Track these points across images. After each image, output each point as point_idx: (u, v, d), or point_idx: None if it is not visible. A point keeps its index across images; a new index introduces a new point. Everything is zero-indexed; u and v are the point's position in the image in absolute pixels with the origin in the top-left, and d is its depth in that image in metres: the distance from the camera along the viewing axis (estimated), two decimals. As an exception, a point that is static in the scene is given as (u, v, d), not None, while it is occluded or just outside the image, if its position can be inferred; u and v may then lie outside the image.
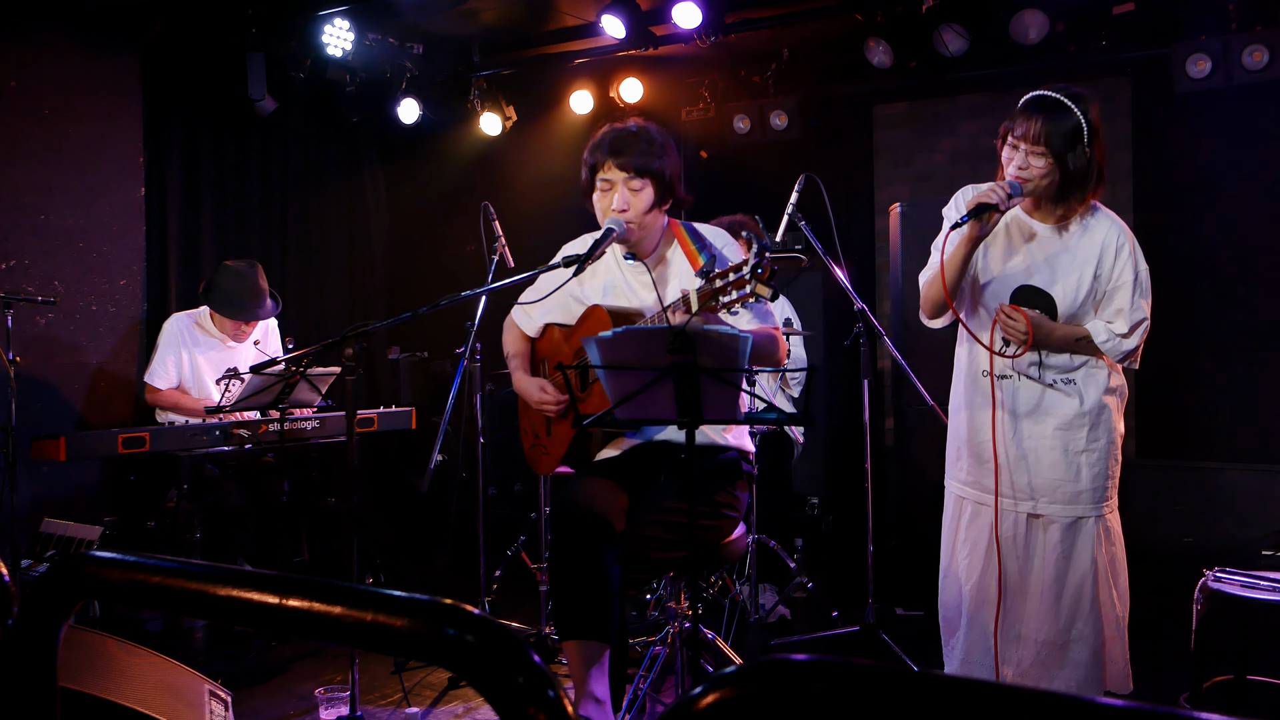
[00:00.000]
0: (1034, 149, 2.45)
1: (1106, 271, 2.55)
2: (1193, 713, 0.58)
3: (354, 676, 2.75)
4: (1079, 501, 2.57)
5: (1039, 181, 2.48)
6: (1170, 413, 5.40)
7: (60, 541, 4.06)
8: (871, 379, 3.90)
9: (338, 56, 5.29)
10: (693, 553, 2.21)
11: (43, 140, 4.73)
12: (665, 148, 2.60)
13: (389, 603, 0.81)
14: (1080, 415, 2.57)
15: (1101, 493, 2.59)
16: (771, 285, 2.05)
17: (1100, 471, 2.59)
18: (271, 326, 4.56)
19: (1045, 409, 2.59)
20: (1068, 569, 2.58)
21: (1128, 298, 2.54)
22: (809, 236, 3.79)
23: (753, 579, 4.09)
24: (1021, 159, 2.47)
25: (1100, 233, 2.56)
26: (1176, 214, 5.41)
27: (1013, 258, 2.62)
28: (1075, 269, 2.56)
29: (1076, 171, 2.46)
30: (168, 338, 4.30)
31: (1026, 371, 2.61)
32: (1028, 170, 2.47)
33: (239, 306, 4.24)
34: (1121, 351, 2.55)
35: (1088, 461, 2.57)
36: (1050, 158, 2.45)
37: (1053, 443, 2.58)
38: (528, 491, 6.06)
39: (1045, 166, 2.46)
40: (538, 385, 2.76)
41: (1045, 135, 2.43)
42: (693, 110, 6.16)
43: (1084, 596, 2.57)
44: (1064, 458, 2.57)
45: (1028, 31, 4.94)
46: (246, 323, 4.30)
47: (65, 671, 1.21)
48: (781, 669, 0.66)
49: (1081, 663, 2.57)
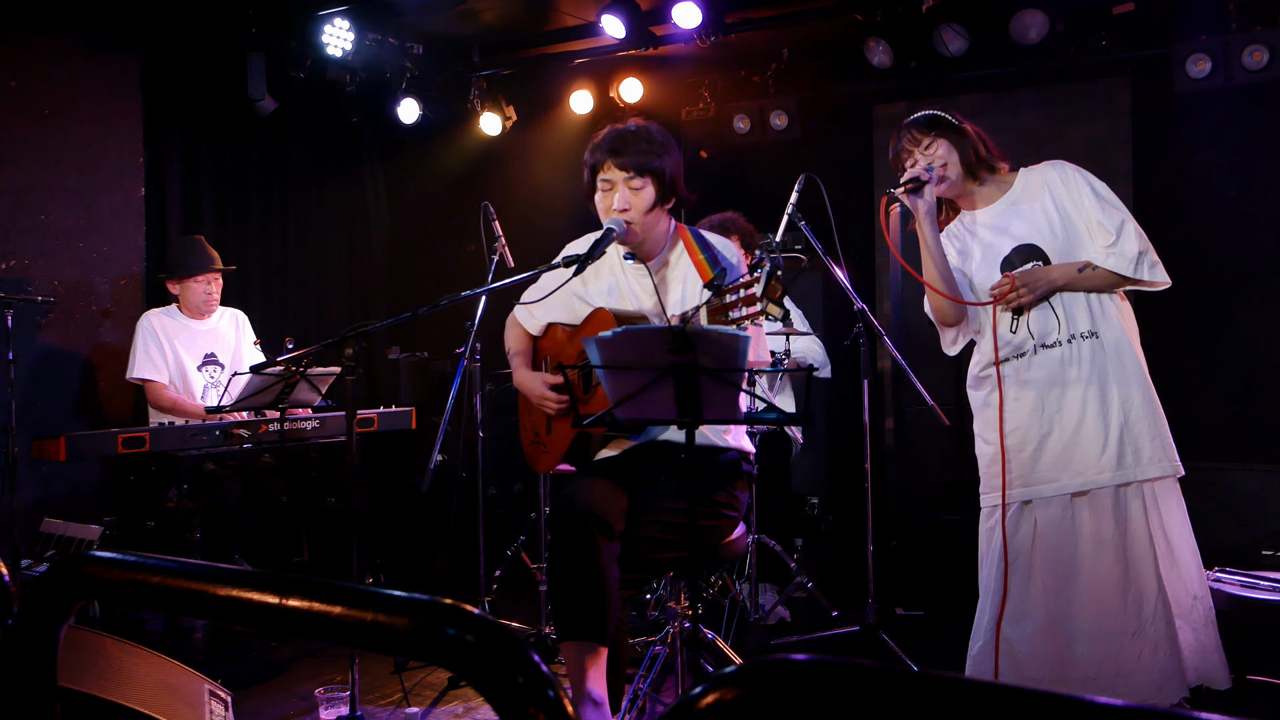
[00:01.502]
0: (923, 142, 2.69)
1: (1067, 204, 2.62)
2: (1193, 713, 0.58)
3: (354, 676, 2.75)
4: (1123, 466, 2.53)
5: (949, 164, 2.67)
6: (1170, 413, 5.39)
7: (60, 541, 4.06)
8: (871, 379, 3.90)
9: (338, 56, 5.29)
10: (692, 553, 2.21)
11: (43, 140, 4.73)
12: (666, 147, 2.60)
13: (389, 603, 0.81)
14: (1104, 368, 2.55)
15: (1146, 453, 2.54)
16: (782, 305, 2.04)
17: (1140, 422, 2.55)
18: (243, 320, 4.64)
19: (1066, 374, 2.57)
20: (1125, 546, 2.52)
21: (1095, 208, 2.58)
22: (809, 236, 3.79)
23: (753, 579, 4.09)
24: (926, 158, 2.68)
25: (1036, 176, 2.69)
26: (1176, 214, 5.40)
27: (985, 250, 2.70)
28: (1036, 215, 2.64)
29: (971, 146, 2.67)
30: (142, 331, 4.38)
31: (1042, 341, 2.60)
32: (935, 164, 2.67)
33: (191, 265, 4.40)
34: (1128, 258, 2.52)
35: (1124, 415, 2.54)
36: (940, 139, 2.67)
37: (1083, 407, 2.55)
38: (528, 491, 6.06)
39: (942, 150, 2.67)
40: (541, 380, 2.74)
41: (923, 126, 2.70)
42: (693, 110, 6.16)
43: (1147, 575, 2.51)
44: (1100, 420, 2.54)
45: (1028, 31, 4.94)
46: (206, 277, 4.41)
47: (65, 671, 1.21)
48: (781, 669, 0.66)
49: (1159, 653, 2.49)
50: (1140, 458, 2.55)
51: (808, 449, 4.74)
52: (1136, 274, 2.53)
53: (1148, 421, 2.57)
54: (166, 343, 4.36)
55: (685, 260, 2.66)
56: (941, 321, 2.75)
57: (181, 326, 4.44)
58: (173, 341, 4.38)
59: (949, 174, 2.68)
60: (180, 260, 4.46)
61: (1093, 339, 2.57)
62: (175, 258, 4.50)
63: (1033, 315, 2.61)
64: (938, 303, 2.70)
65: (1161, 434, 2.60)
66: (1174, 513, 2.58)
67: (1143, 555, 2.52)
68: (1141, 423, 2.56)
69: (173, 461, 3.82)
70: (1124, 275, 2.53)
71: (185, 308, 4.45)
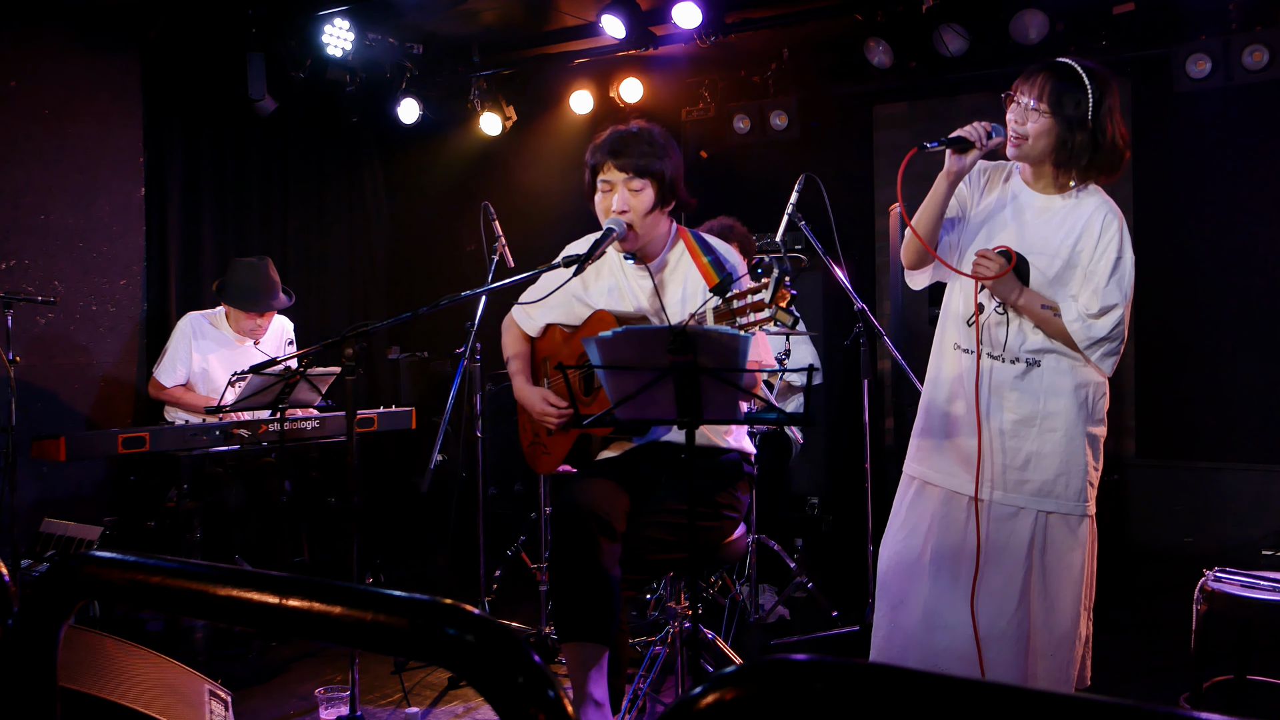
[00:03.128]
0: (1036, 105, 2.41)
1: (1088, 248, 2.44)
2: (1193, 713, 0.58)
3: (354, 676, 2.75)
4: (1020, 490, 2.48)
5: (1035, 139, 2.43)
6: (1170, 413, 5.40)
7: (60, 541, 4.06)
8: (871, 379, 3.90)
9: (338, 56, 5.29)
10: (693, 553, 2.21)
11: (43, 140, 4.73)
12: (666, 149, 2.60)
13: (389, 603, 0.81)
14: (1035, 410, 2.48)
15: (1049, 484, 2.48)
16: (792, 312, 2.01)
17: (1052, 456, 2.47)
18: (287, 330, 4.54)
19: (1002, 393, 2.51)
20: (998, 558, 2.50)
21: (1105, 277, 2.42)
22: (809, 236, 3.79)
23: (753, 579, 4.08)
24: (1020, 114, 2.44)
25: (1089, 208, 2.47)
26: (1176, 214, 5.40)
27: (1004, 225, 2.57)
28: (1056, 240, 2.48)
29: (1077, 142, 2.41)
30: (180, 335, 4.31)
31: (990, 350, 2.53)
32: (1024, 126, 2.43)
33: (253, 298, 4.26)
34: (1090, 337, 2.41)
35: (1038, 444, 2.47)
36: (1050, 116, 2.40)
37: (999, 419, 2.50)
38: (528, 491, 6.06)
39: (1043, 125, 2.42)
40: (540, 396, 2.72)
41: (1047, 92, 2.40)
42: (693, 110, 6.16)
43: (1009, 593, 2.47)
44: (1009, 440, 2.49)
45: (1028, 31, 4.94)
46: (261, 314, 4.30)
47: (65, 671, 1.21)
48: (781, 669, 0.66)
49: (996, 672, 2.48)
50: (1041, 488, 2.48)
51: (808, 449, 4.74)
52: (1087, 353, 2.44)
53: (1062, 457, 2.48)
54: (198, 353, 4.29)
55: (686, 262, 2.66)
56: (909, 266, 2.70)
57: (221, 342, 4.34)
58: (205, 356, 4.30)
59: (1024, 148, 2.46)
60: (238, 287, 4.27)
61: (1035, 366, 2.49)
62: (236, 281, 4.29)
63: (989, 324, 2.53)
64: (913, 249, 2.62)
65: (1073, 473, 2.48)
66: (1060, 550, 2.49)
67: (1011, 574, 2.48)
68: (1054, 456, 2.47)
69: (173, 461, 3.82)
70: (1076, 344, 2.44)
71: (232, 323, 4.34)
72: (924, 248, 2.57)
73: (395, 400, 5.78)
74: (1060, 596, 2.47)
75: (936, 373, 2.69)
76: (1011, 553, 2.49)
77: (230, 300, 4.29)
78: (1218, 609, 2.70)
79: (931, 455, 2.65)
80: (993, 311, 2.54)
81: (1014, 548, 2.49)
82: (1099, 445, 2.53)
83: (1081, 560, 2.48)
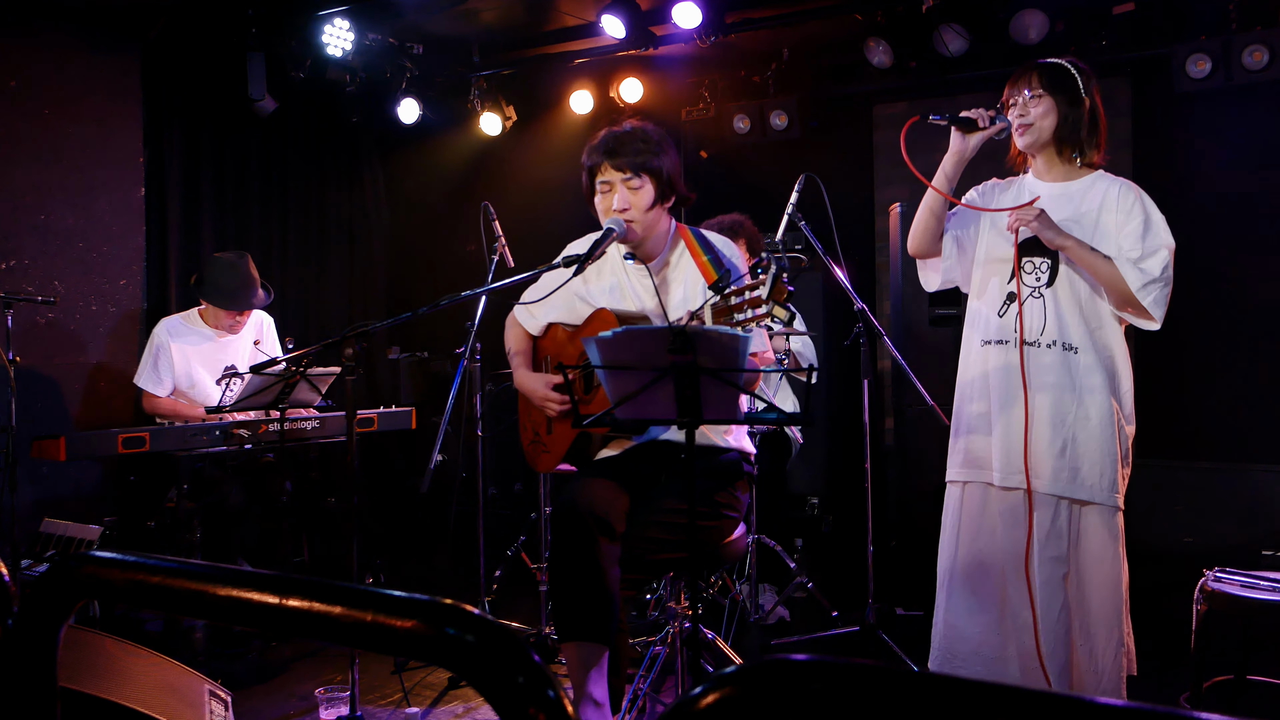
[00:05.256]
0: (1033, 92, 2.59)
1: (1111, 219, 2.56)
2: (1193, 713, 0.58)
3: (354, 676, 2.75)
4: (1057, 481, 2.54)
5: (1040, 121, 2.59)
6: (1170, 413, 5.40)
7: (60, 541, 4.06)
8: (871, 379, 3.90)
9: (338, 56, 5.29)
10: (693, 553, 2.21)
11: (43, 140, 4.73)
12: (662, 145, 2.60)
13: (389, 603, 0.81)
14: (1071, 398, 2.55)
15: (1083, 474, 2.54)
16: (788, 308, 2.03)
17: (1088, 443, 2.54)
18: (268, 324, 4.54)
19: (1041, 378, 2.57)
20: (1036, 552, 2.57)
21: (1139, 234, 2.52)
22: (809, 236, 3.79)
23: (753, 579, 4.09)
24: (1021, 106, 2.62)
25: (1104, 184, 2.62)
26: (1176, 214, 5.36)
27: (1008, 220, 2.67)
28: (1079, 214, 2.59)
29: (1076, 116, 2.58)
30: (156, 341, 4.26)
31: (1028, 337, 2.59)
32: (1028, 115, 2.60)
33: (231, 296, 4.23)
34: (1143, 276, 2.48)
35: (1073, 431, 2.54)
36: (1050, 96, 2.58)
37: (1035, 411, 2.56)
38: (528, 491, 6.06)
39: (1045, 106, 2.59)
40: (543, 381, 2.73)
41: (1040, 78, 2.59)
42: (693, 110, 6.16)
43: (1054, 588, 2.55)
44: (1048, 429, 2.55)
45: (1028, 31, 4.94)
46: (240, 312, 4.28)
47: (65, 671, 1.21)
48: (781, 669, 0.66)
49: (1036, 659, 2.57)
50: (1076, 477, 2.55)
51: (807, 449, 4.74)
52: (1140, 295, 2.49)
53: (1097, 447, 2.55)
54: (180, 359, 4.25)
55: (687, 260, 2.66)
56: (919, 252, 2.80)
57: (201, 338, 4.31)
58: (188, 357, 4.26)
59: (1032, 133, 2.62)
60: (217, 285, 4.22)
61: (1071, 353, 2.57)
62: (214, 279, 4.23)
63: (1027, 309, 2.60)
64: (923, 230, 2.73)
65: (1106, 463, 2.55)
66: (1094, 542, 2.56)
67: (1055, 565, 2.55)
68: (1089, 444, 2.55)
69: (173, 461, 3.81)
70: (1129, 287, 2.49)
71: (210, 319, 4.32)
72: (937, 212, 2.70)
73: (395, 400, 5.78)
74: (1100, 588, 2.54)
75: (966, 375, 2.75)
76: (1053, 543, 2.56)
77: (209, 298, 4.24)
78: (1218, 609, 2.70)
79: (973, 456, 2.70)
80: (1030, 297, 2.60)
81: (1054, 538, 2.56)
82: (1129, 443, 2.62)
83: (1116, 552, 2.56)
